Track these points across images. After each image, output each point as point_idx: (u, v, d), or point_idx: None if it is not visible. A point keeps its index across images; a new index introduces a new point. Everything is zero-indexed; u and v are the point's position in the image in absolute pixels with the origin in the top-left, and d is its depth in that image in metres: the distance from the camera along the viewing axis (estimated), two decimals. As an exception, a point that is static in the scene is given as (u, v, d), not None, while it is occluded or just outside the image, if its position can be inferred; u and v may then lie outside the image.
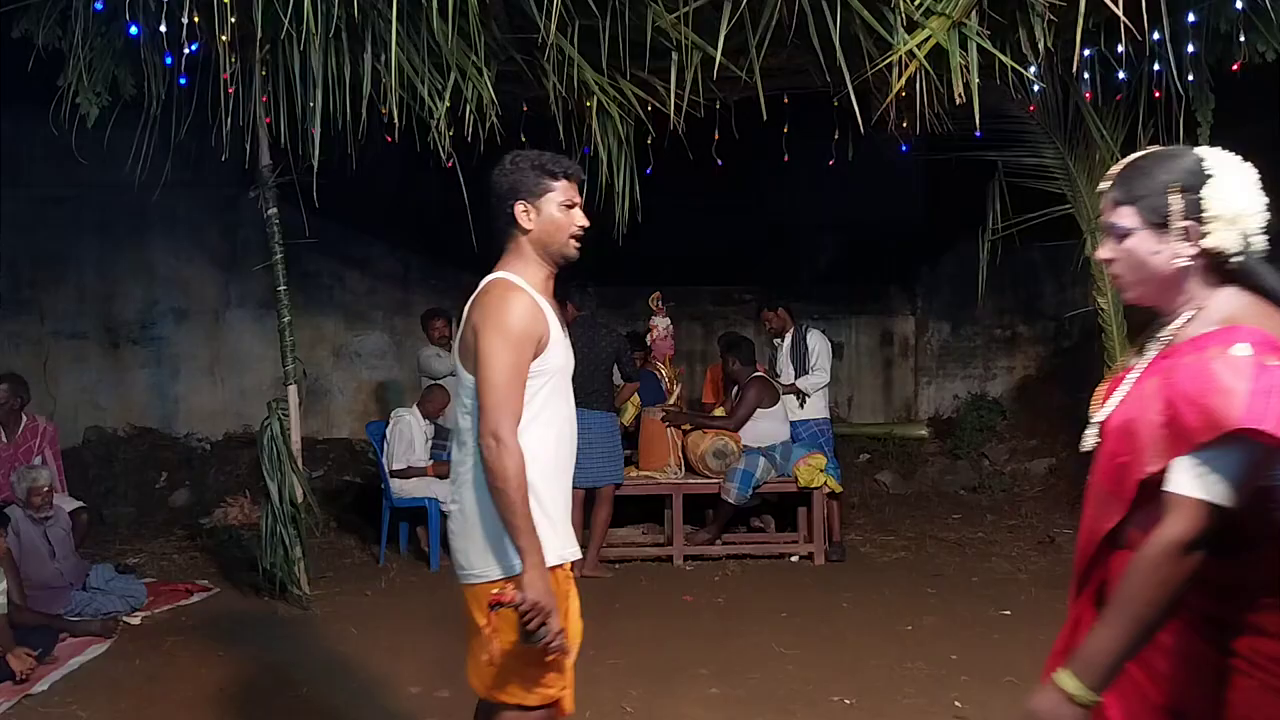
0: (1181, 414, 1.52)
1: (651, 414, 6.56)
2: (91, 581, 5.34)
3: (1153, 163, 1.69)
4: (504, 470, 2.22)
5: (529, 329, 2.33)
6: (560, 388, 2.49)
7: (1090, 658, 1.57)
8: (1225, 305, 1.62)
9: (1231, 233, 1.61)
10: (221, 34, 4.09)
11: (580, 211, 2.47)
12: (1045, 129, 5.60)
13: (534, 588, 2.20)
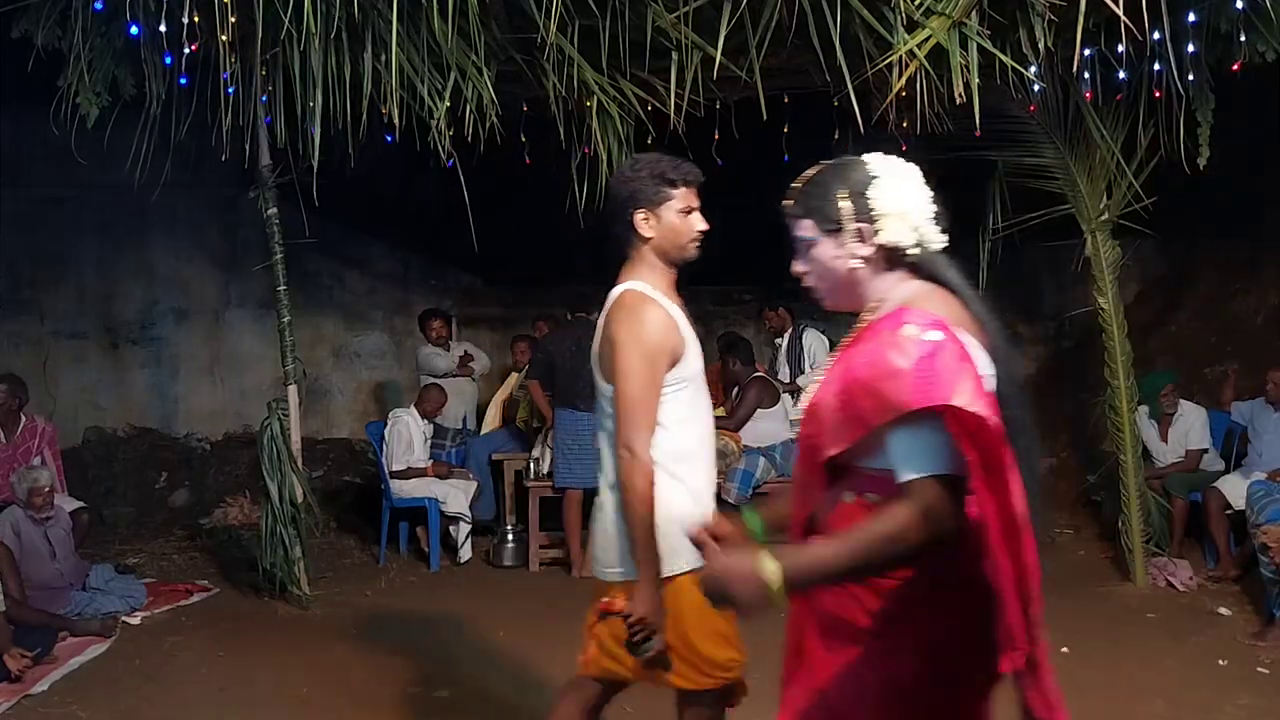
0: (856, 398, 1.59)
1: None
2: (91, 582, 5.34)
3: (823, 175, 1.82)
4: (632, 483, 2.29)
5: (664, 341, 2.38)
6: (700, 389, 2.52)
7: (799, 565, 1.57)
8: (902, 294, 1.71)
9: (902, 227, 1.72)
10: (221, 34, 4.09)
11: (699, 215, 2.50)
12: (1045, 129, 5.59)
13: (645, 602, 2.27)
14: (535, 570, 6.27)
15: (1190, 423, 6.12)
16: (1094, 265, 5.62)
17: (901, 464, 1.55)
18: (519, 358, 7.17)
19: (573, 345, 6.08)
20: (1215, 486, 5.78)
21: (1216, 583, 5.57)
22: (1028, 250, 7.31)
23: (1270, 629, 4.71)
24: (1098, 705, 3.98)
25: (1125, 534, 5.64)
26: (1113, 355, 5.62)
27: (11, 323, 8.28)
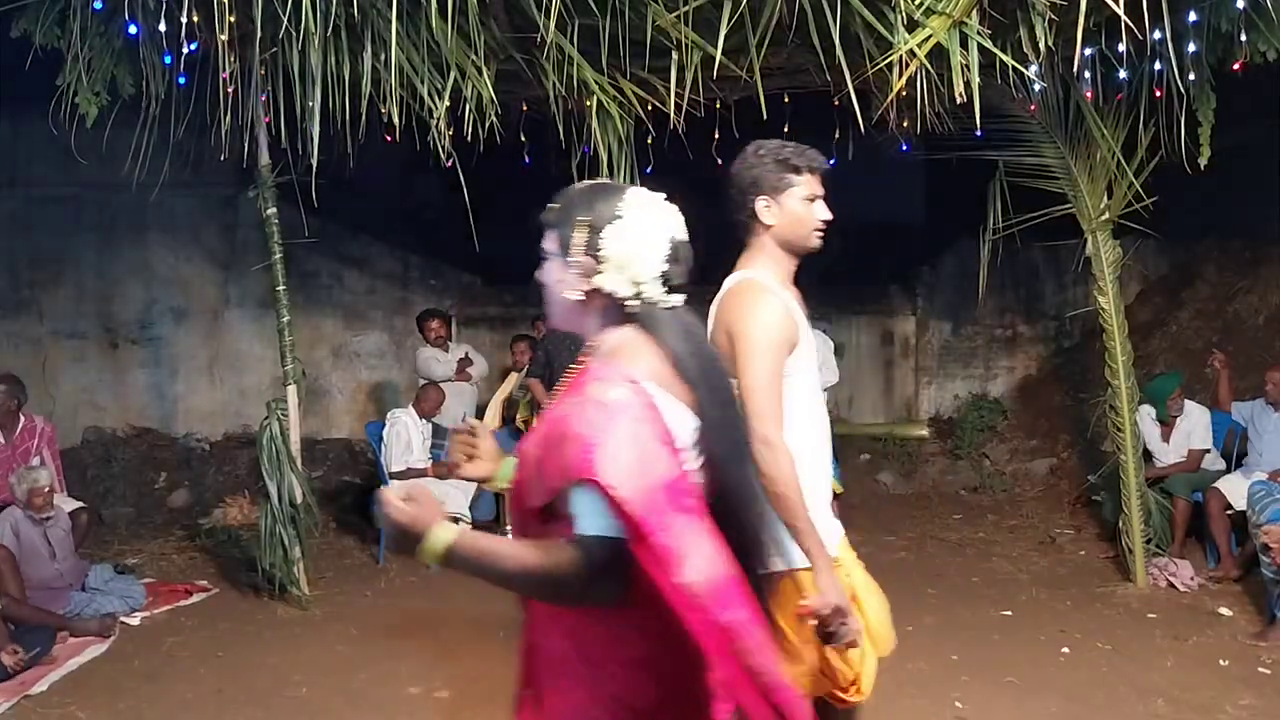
0: (546, 457, 1.58)
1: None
2: (91, 582, 5.34)
3: (583, 194, 1.72)
4: (779, 473, 2.18)
5: (782, 333, 2.30)
6: (814, 382, 2.45)
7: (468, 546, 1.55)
8: (614, 340, 1.66)
9: (620, 278, 1.65)
10: (221, 33, 4.08)
11: (823, 204, 2.42)
12: (1045, 128, 5.58)
13: (829, 590, 2.18)
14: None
15: (1193, 423, 6.12)
16: (1094, 265, 5.61)
17: (579, 519, 1.54)
18: (519, 358, 7.16)
19: (572, 346, 6.08)
20: (1216, 486, 5.78)
21: (1217, 583, 5.56)
22: (1028, 250, 7.31)
23: (1271, 629, 4.70)
24: (1098, 705, 3.98)
25: (1126, 534, 5.64)
26: (1113, 355, 5.61)
27: (11, 323, 8.28)
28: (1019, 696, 4.04)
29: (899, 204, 9.60)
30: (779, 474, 2.18)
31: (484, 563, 1.55)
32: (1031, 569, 6.08)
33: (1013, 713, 3.90)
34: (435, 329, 7.17)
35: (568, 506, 1.55)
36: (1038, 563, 6.21)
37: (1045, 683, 4.18)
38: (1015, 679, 4.20)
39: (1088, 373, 7.75)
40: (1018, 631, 4.90)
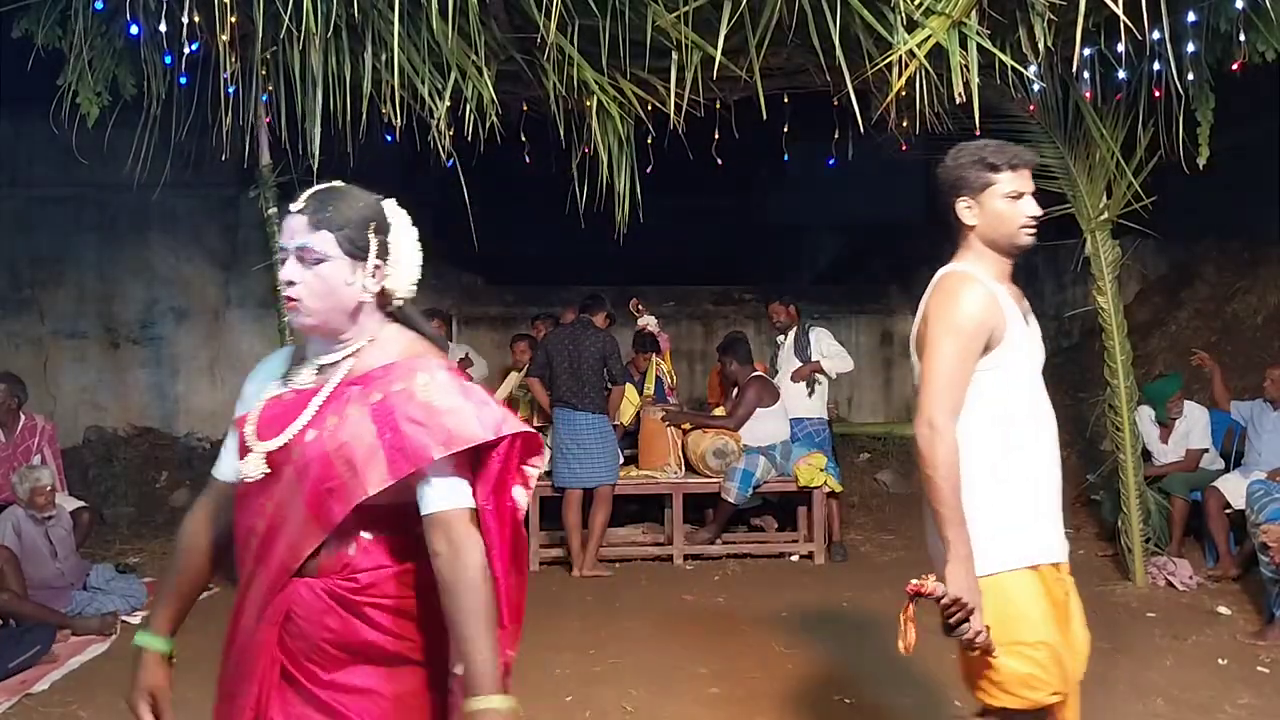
0: (410, 436, 1.64)
1: (651, 414, 6.57)
2: (92, 581, 5.34)
3: (350, 197, 1.76)
4: (934, 457, 2.18)
5: (976, 321, 2.25)
6: (1031, 378, 2.37)
7: (485, 672, 1.66)
8: (398, 339, 1.77)
9: (404, 278, 1.79)
10: (221, 33, 4.09)
11: (1030, 200, 2.37)
12: (1045, 128, 5.59)
13: (956, 582, 2.14)
14: (535, 569, 6.26)
15: (1192, 423, 6.13)
16: (1094, 265, 5.62)
17: (447, 496, 1.65)
18: (519, 357, 7.17)
19: (571, 346, 6.09)
20: (1215, 485, 5.79)
21: (1216, 581, 5.57)
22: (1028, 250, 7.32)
23: (1270, 628, 4.71)
24: (1098, 705, 3.98)
25: (1125, 533, 5.64)
26: (1113, 355, 5.62)
27: (11, 322, 8.29)
28: (1018, 695, 4.04)
29: (899, 204, 9.61)
30: (933, 457, 2.17)
31: (495, 655, 1.70)
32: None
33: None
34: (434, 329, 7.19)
35: (409, 491, 1.66)
36: (1037, 562, 6.21)
37: (1044, 682, 4.18)
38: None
39: (1087, 372, 7.76)
40: (1017, 631, 4.90)
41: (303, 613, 1.70)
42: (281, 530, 1.71)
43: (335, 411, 1.69)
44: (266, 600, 1.73)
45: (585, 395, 6.02)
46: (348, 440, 1.66)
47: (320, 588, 1.70)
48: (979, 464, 2.24)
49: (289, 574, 1.71)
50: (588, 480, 6.03)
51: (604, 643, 4.77)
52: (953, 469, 2.18)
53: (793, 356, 6.71)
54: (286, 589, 1.71)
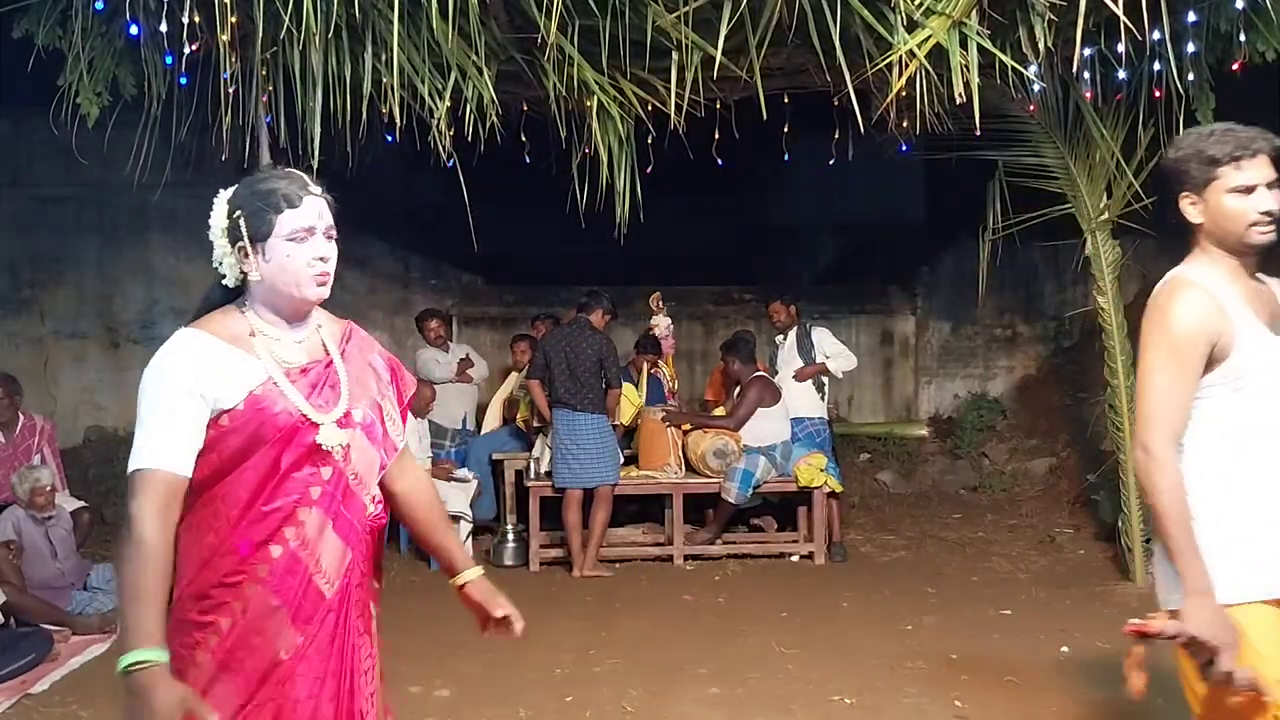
0: (404, 384, 2.09)
1: (652, 414, 6.57)
2: (92, 581, 5.34)
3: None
4: (1152, 485, 2.04)
5: (1195, 333, 2.06)
6: (1264, 394, 2.12)
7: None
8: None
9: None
10: (222, 33, 4.09)
11: (1265, 193, 2.10)
12: (1045, 129, 5.60)
13: (1192, 619, 1.96)
14: (536, 570, 6.27)
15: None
16: (1094, 265, 5.62)
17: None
18: (519, 358, 7.17)
19: (568, 347, 6.08)
20: None
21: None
22: (1028, 250, 7.31)
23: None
24: (1098, 704, 3.98)
25: (1125, 533, 5.65)
26: (1113, 355, 5.62)
27: (11, 323, 8.28)
28: (1019, 696, 4.05)
29: (899, 204, 9.61)
30: (1152, 485, 2.04)
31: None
32: (1031, 568, 6.09)
33: (1013, 712, 3.90)
34: (435, 329, 7.18)
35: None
36: (1037, 562, 6.22)
37: (1045, 682, 4.19)
38: (1015, 678, 4.20)
39: (1087, 372, 7.75)
40: (1018, 631, 4.91)
41: (365, 555, 1.93)
42: (360, 486, 1.90)
43: (358, 372, 1.96)
44: (363, 557, 1.92)
45: (583, 396, 6.02)
46: (378, 396, 1.97)
47: (370, 528, 1.95)
48: (1210, 487, 2.08)
49: (367, 522, 1.92)
50: (588, 480, 6.03)
51: (604, 643, 4.77)
52: (1176, 496, 2.03)
53: (795, 356, 6.71)
54: (368, 540, 1.93)
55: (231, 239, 1.93)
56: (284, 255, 1.90)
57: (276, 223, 1.90)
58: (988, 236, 6.04)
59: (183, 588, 1.81)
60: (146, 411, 1.79)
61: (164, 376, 1.81)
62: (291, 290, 1.93)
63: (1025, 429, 8.64)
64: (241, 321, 1.93)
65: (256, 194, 1.91)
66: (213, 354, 1.85)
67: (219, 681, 1.78)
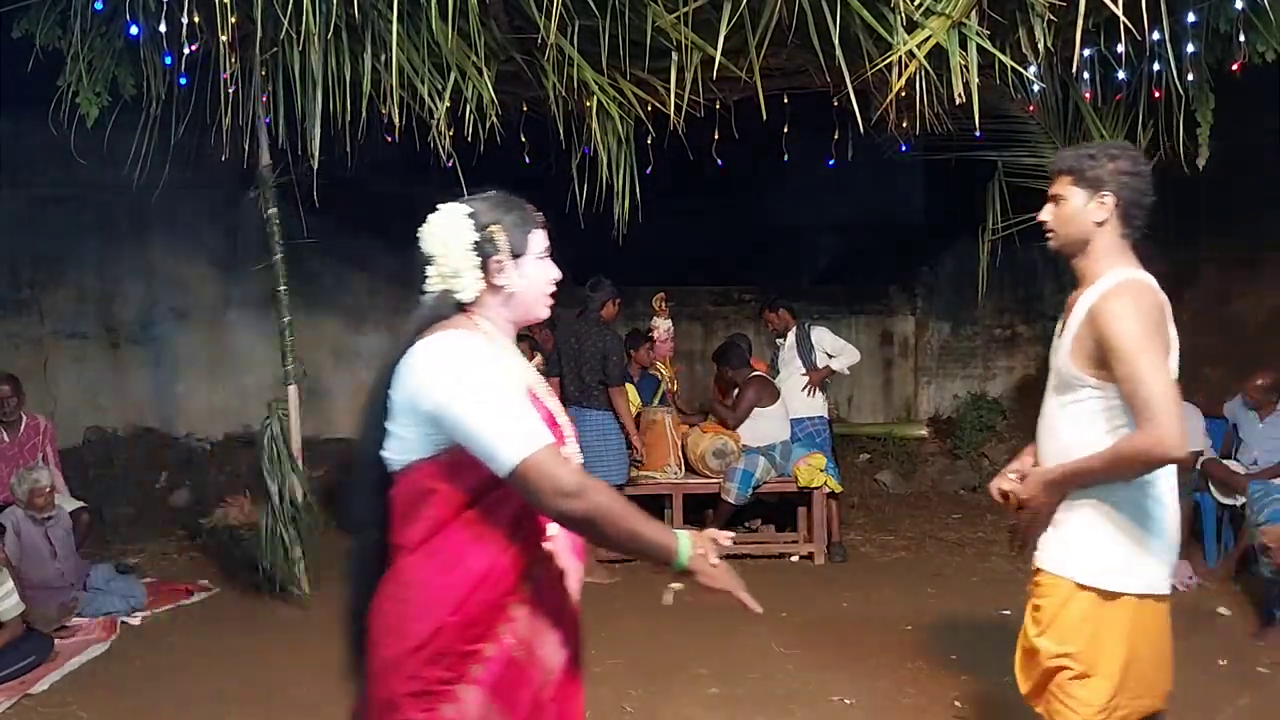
0: None
1: (652, 414, 6.56)
2: (92, 582, 5.34)
3: None
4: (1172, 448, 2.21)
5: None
6: None
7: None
8: None
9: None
10: (222, 34, 4.09)
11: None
12: (1045, 129, 5.59)
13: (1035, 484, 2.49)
14: (535, 570, 6.27)
15: (1187, 424, 6.11)
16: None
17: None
18: (519, 358, 7.17)
19: (574, 341, 6.06)
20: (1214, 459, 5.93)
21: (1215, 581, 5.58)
22: (1027, 250, 7.31)
23: (1270, 629, 4.71)
24: (1097, 705, 3.98)
25: (1125, 534, 5.63)
26: (1112, 355, 5.61)
27: (11, 323, 8.28)
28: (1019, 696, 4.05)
29: (898, 204, 9.61)
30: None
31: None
32: (1031, 568, 6.08)
33: (1013, 713, 3.90)
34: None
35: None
36: (1037, 562, 6.21)
37: (1044, 682, 4.18)
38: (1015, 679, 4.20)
39: (1087, 373, 7.74)
40: (1017, 631, 4.90)
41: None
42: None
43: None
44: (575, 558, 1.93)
45: (589, 392, 6.00)
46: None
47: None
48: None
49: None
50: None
51: (604, 643, 4.77)
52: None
53: (795, 357, 6.71)
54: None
55: (483, 253, 1.84)
56: (534, 272, 1.90)
57: (530, 240, 1.88)
58: (987, 236, 6.04)
59: (443, 617, 1.72)
60: (496, 400, 1.68)
61: (487, 365, 1.73)
62: (531, 306, 1.92)
63: (1025, 429, 8.61)
64: (486, 328, 1.87)
65: (511, 211, 1.88)
66: (499, 356, 1.81)
67: (490, 713, 1.73)
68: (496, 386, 1.69)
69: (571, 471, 1.68)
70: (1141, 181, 2.35)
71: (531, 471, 1.64)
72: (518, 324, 1.93)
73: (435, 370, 1.70)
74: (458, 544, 1.73)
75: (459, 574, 1.72)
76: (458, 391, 1.67)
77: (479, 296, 1.85)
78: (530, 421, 1.69)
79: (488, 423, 1.65)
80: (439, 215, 1.87)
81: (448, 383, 1.68)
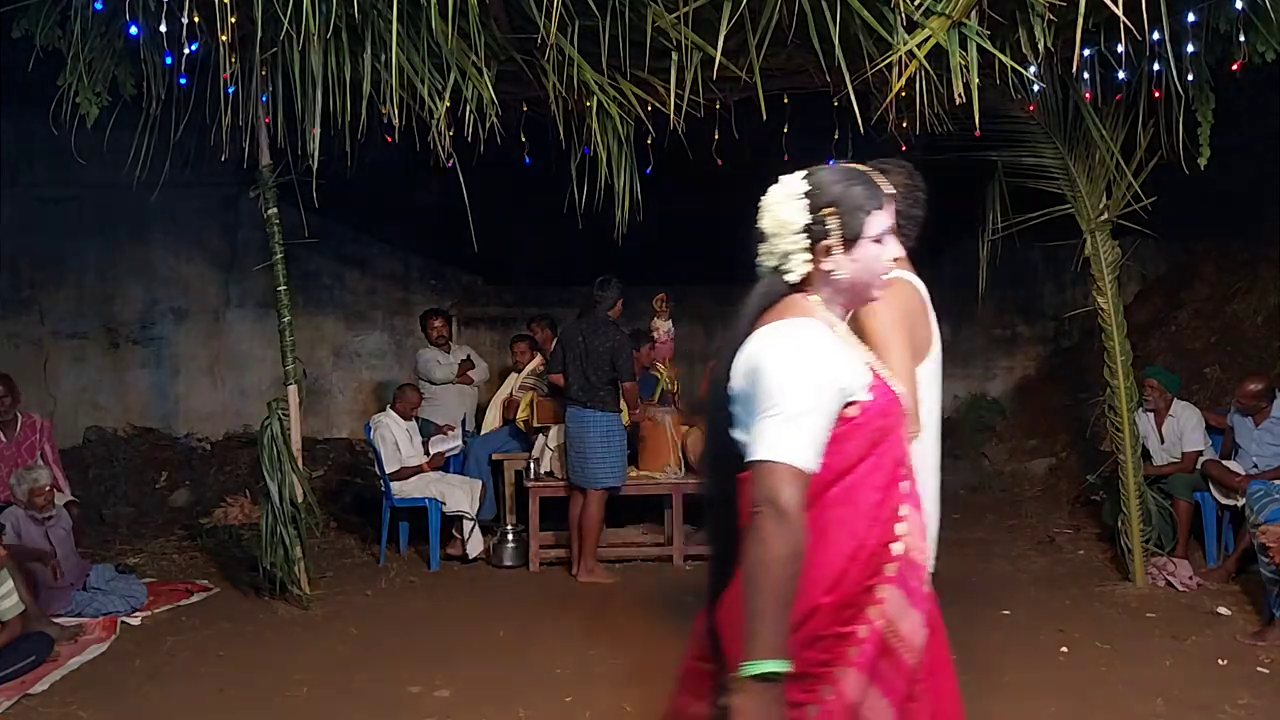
0: None
1: (652, 414, 6.57)
2: (92, 581, 5.34)
3: None
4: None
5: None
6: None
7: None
8: None
9: None
10: (221, 34, 4.08)
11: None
12: (1045, 129, 5.59)
13: None
14: (535, 570, 6.27)
15: (1184, 424, 6.11)
16: (1094, 265, 5.62)
17: None
18: (519, 358, 7.18)
19: (582, 341, 6.05)
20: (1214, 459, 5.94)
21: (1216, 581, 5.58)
22: (1027, 250, 7.31)
23: (1270, 629, 4.71)
24: (1098, 705, 3.98)
25: (1124, 534, 5.64)
26: (1112, 355, 5.62)
27: (11, 323, 8.29)
28: (1019, 696, 4.05)
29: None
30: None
31: None
32: (1030, 568, 6.08)
33: (1013, 713, 3.90)
34: (438, 328, 7.22)
35: None
36: (1037, 562, 6.21)
37: (1045, 683, 4.19)
38: (1015, 679, 4.20)
39: (1086, 373, 7.75)
40: (1017, 631, 4.91)
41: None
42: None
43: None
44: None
45: (594, 393, 5.99)
46: None
47: None
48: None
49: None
50: (589, 481, 6.00)
51: (604, 643, 4.77)
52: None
53: None
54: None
55: (813, 236, 1.83)
56: (871, 256, 1.85)
57: (867, 224, 1.84)
58: (987, 236, 6.03)
59: (817, 598, 1.69)
60: (786, 401, 1.69)
61: (806, 365, 1.72)
62: (866, 290, 1.88)
63: (1024, 429, 8.63)
64: (822, 313, 1.85)
65: (851, 194, 1.84)
66: (837, 344, 1.80)
67: (869, 694, 1.72)
68: (796, 385, 1.70)
69: (796, 501, 1.65)
70: (910, 194, 2.58)
71: (772, 475, 1.66)
72: (850, 306, 1.91)
73: (767, 356, 1.73)
74: (823, 525, 1.71)
75: (829, 555, 1.71)
76: (770, 380, 1.71)
77: (807, 276, 1.85)
78: (809, 441, 1.69)
79: (775, 412, 1.68)
80: (777, 189, 1.86)
81: (773, 365, 1.72)
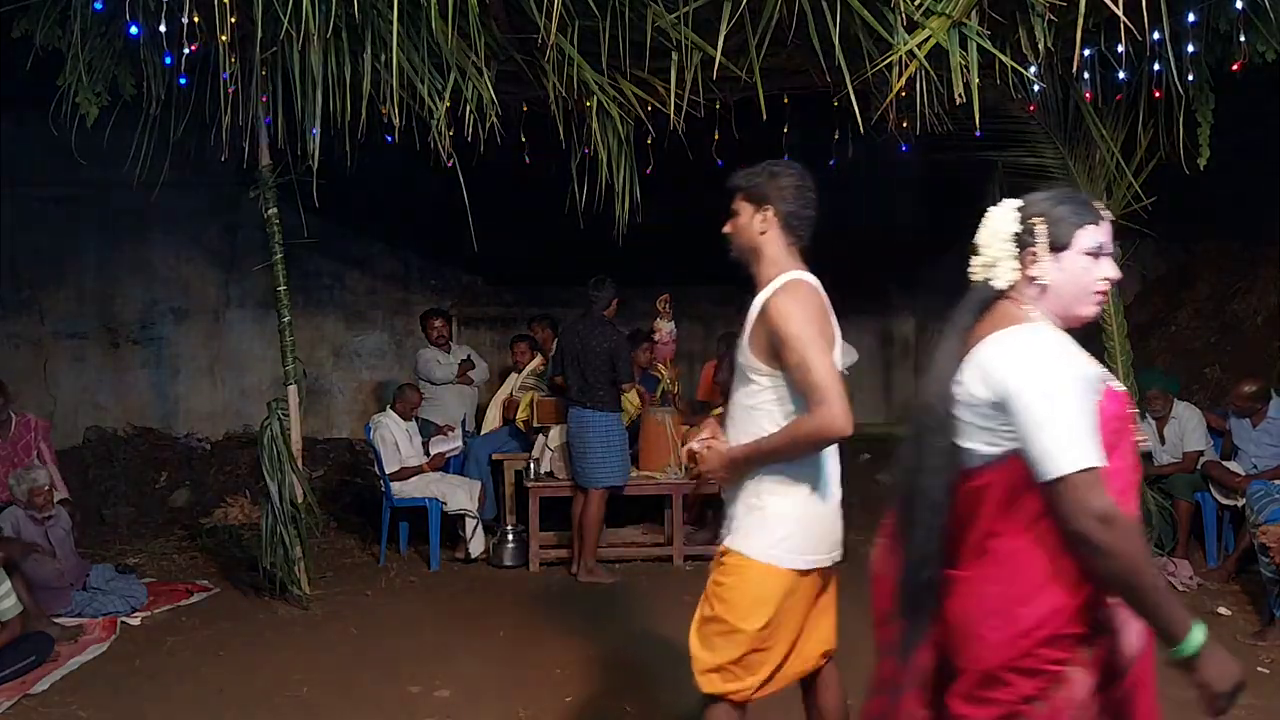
0: None
1: (653, 414, 6.56)
2: (92, 581, 5.34)
3: None
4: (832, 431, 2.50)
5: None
6: None
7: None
8: None
9: None
10: (222, 34, 4.08)
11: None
12: (1045, 129, 5.59)
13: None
14: (535, 570, 6.27)
15: (1184, 424, 6.10)
16: (1093, 265, 5.61)
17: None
18: (519, 358, 7.18)
19: (580, 342, 6.05)
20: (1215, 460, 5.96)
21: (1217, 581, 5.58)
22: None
23: (1270, 629, 4.71)
24: (1097, 705, 3.98)
25: (1125, 533, 5.63)
26: (1113, 355, 5.62)
27: (12, 323, 8.29)
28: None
29: (898, 204, 9.61)
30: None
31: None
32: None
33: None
34: (438, 328, 7.23)
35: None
36: (1037, 562, 6.21)
37: (1044, 682, 4.18)
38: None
39: (1087, 373, 7.75)
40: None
41: None
42: None
43: None
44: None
45: (593, 394, 6.00)
46: None
47: None
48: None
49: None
50: (589, 481, 6.00)
51: (604, 643, 4.77)
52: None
53: None
54: None
55: (1021, 243, 1.88)
56: (1080, 268, 1.88)
57: (1077, 236, 1.87)
58: (988, 237, 6.03)
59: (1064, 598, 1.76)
60: (1056, 409, 1.71)
61: (1060, 368, 1.75)
62: (1070, 303, 1.90)
63: (1025, 429, 8.61)
64: (1039, 318, 1.88)
65: (1062, 206, 1.89)
66: (1069, 342, 1.83)
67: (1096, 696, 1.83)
68: (1070, 390, 1.72)
69: (1111, 501, 1.67)
70: (801, 195, 2.68)
71: (1078, 488, 1.66)
72: (1062, 321, 1.91)
73: (1012, 362, 1.76)
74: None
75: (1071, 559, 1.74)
76: (1031, 384, 1.72)
77: (1014, 285, 1.89)
78: (1091, 436, 1.70)
79: (1051, 425, 1.69)
80: (995, 208, 1.93)
81: (1022, 374, 1.73)
